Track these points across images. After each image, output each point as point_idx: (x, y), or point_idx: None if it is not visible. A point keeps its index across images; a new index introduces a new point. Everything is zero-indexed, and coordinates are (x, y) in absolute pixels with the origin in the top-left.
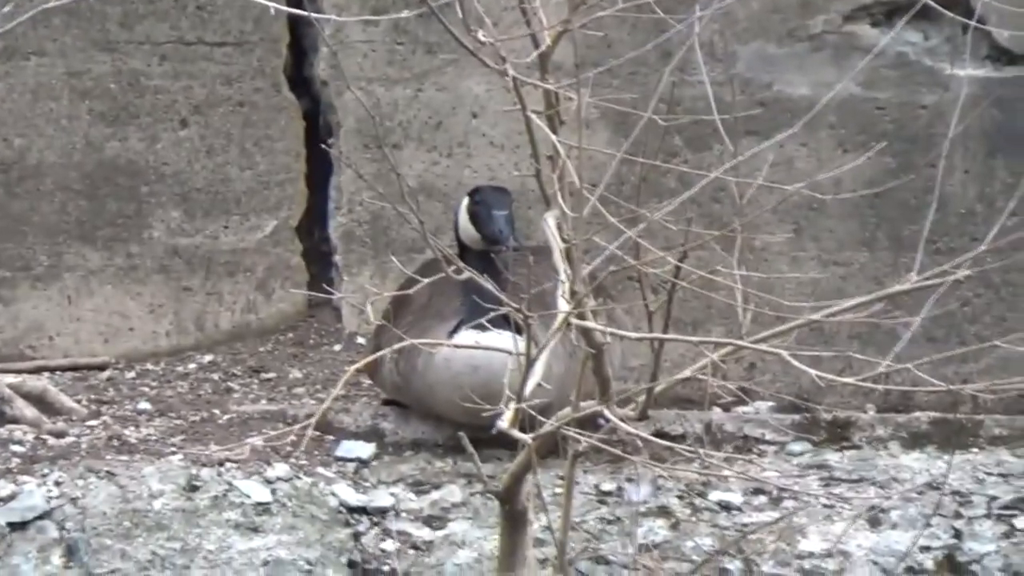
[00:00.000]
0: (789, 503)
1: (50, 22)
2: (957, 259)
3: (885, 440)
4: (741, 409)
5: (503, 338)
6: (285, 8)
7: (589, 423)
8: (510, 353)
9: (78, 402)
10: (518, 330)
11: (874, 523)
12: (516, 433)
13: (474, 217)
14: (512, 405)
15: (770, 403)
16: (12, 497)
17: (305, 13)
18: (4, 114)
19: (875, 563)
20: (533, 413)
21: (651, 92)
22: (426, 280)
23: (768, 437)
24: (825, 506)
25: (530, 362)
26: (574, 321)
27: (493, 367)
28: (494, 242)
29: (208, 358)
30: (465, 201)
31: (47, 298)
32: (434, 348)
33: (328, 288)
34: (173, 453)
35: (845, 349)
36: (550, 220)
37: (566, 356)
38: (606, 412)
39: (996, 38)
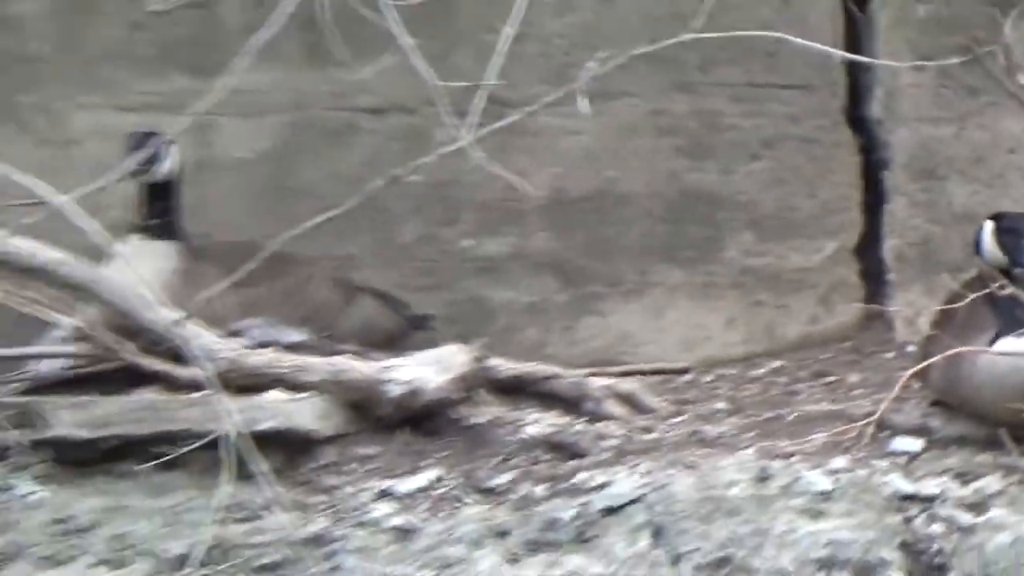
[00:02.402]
0: None
1: (636, 67)
2: None
3: None
4: None
5: None
6: (845, 54)
7: None
8: None
9: (662, 402)
10: None
11: None
12: None
13: (1002, 243)
14: None
15: None
16: (605, 485)
17: (863, 59)
18: (597, 149)
19: None
20: None
21: None
22: (973, 295)
23: None
24: None
25: None
26: None
27: None
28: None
29: (776, 364)
30: (988, 226)
31: (635, 311)
32: (978, 355)
33: (881, 303)
34: (747, 447)
35: None
36: None
37: None
38: None
39: None
